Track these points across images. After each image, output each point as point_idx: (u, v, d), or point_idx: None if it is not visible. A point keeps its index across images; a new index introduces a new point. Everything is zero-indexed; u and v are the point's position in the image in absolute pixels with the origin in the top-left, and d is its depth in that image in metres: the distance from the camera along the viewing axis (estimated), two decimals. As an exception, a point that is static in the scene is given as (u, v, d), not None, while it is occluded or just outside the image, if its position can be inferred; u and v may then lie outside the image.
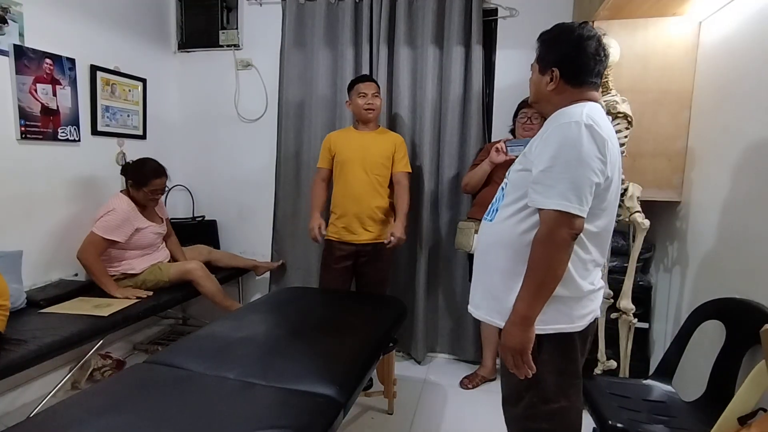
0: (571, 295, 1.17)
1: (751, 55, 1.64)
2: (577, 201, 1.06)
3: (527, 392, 1.22)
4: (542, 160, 1.11)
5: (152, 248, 2.51)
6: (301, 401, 1.31)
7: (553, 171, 1.08)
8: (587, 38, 1.18)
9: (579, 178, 1.07)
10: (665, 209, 2.20)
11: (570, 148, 1.08)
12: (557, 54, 1.21)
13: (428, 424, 2.20)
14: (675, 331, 1.78)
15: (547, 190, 1.08)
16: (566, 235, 1.07)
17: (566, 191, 1.06)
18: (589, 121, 1.09)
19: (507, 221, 1.21)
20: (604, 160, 1.09)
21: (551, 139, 1.12)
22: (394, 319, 2.05)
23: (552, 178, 1.08)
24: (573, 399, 1.23)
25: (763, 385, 1.22)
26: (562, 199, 1.06)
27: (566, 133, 1.09)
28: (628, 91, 1.98)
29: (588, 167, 1.07)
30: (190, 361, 1.51)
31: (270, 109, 3.08)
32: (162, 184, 2.42)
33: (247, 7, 3.05)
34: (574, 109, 1.15)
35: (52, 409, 1.26)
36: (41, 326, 1.89)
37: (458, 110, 2.71)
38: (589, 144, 1.08)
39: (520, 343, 1.13)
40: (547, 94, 1.24)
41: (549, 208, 1.07)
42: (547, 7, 2.61)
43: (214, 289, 2.51)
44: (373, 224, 2.43)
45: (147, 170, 2.38)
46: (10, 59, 2.11)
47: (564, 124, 1.11)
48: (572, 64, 1.19)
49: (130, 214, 2.35)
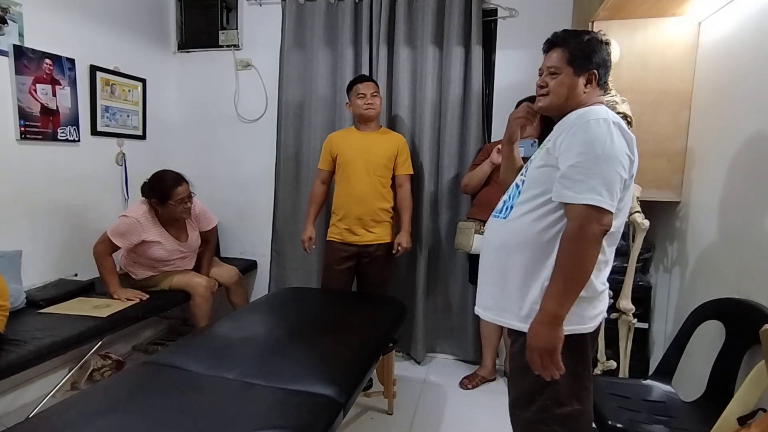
0: (588, 296, 1.17)
1: (751, 56, 1.64)
2: (608, 196, 1.07)
3: (540, 395, 1.21)
4: (571, 155, 1.11)
5: (165, 264, 2.42)
6: (301, 401, 1.31)
7: (583, 166, 1.09)
8: (607, 43, 1.25)
9: (610, 173, 1.08)
10: (665, 209, 2.20)
11: (601, 143, 1.09)
12: (596, 57, 1.24)
13: (428, 425, 2.20)
14: (675, 331, 1.78)
15: (577, 185, 1.08)
16: (597, 231, 1.08)
17: (597, 186, 1.07)
18: (617, 119, 1.13)
19: (523, 218, 1.21)
20: (632, 158, 1.13)
21: (580, 136, 1.12)
22: (394, 320, 2.05)
23: (582, 173, 1.08)
24: (585, 402, 1.22)
25: (762, 385, 1.22)
26: (594, 194, 1.07)
27: (596, 129, 1.11)
28: (628, 92, 1.98)
29: (618, 163, 1.09)
30: (190, 362, 1.51)
31: (270, 110, 3.08)
32: (185, 191, 2.30)
33: (246, 8, 3.05)
34: (597, 108, 1.18)
35: (51, 410, 1.26)
36: (41, 327, 1.89)
37: (458, 110, 2.71)
38: (620, 141, 1.11)
39: (550, 342, 1.11)
40: (580, 95, 1.25)
41: (580, 203, 1.08)
42: (547, 8, 2.61)
43: (206, 313, 2.41)
44: (375, 225, 2.43)
45: (167, 183, 2.26)
46: (9, 59, 2.11)
47: (592, 121, 1.12)
48: (606, 67, 1.25)
49: (140, 225, 2.26)
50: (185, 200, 2.31)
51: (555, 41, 1.26)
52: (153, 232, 2.32)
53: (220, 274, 2.63)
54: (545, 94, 1.27)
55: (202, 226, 2.54)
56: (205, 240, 2.60)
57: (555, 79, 1.25)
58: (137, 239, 2.27)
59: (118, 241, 2.24)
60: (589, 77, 1.23)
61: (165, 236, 2.36)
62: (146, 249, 2.33)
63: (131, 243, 2.27)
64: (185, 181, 2.33)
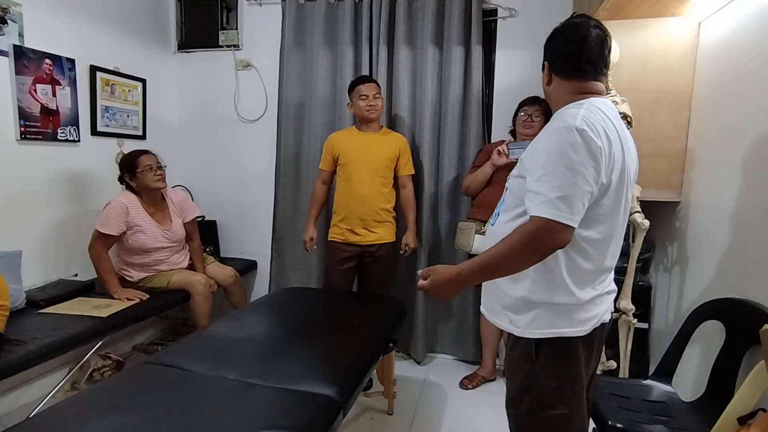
0: (568, 303, 1.14)
1: (751, 56, 1.64)
2: (567, 210, 1.01)
3: (527, 395, 1.20)
4: (536, 169, 1.08)
5: (156, 260, 2.43)
6: (301, 402, 1.31)
7: (544, 180, 1.04)
8: (575, 25, 1.17)
9: (570, 188, 1.02)
10: (665, 209, 2.20)
11: (561, 156, 1.03)
12: (549, 47, 1.22)
13: (428, 425, 2.20)
14: (675, 331, 1.78)
15: (537, 198, 1.04)
16: (549, 245, 1.03)
17: (556, 200, 1.01)
18: (582, 126, 1.03)
19: (505, 227, 1.18)
20: (598, 168, 1.04)
21: (543, 147, 1.09)
22: (394, 320, 2.05)
23: (544, 187, 1.04)
24: (575, 407, 1.19)
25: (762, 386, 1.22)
26: (552, 208, 1.01)
27: (558, 139, 1.06)
28: (628, 92, 1.98)
29: (580, 175, 1.02)
30: (190, 362, 1.51)
31: (270, 110, 3.08)
32: (151, 159, 2.38)
33: (246, 8, 3.05)
34: (571, 110, 1.10)
35: (51, 410, 1.25)
36: (41, 327, 1.89)
37: (458, 110, 2.71)
38: (582, 151, 1.02)
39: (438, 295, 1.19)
40: (548, 92, 1.23)
41: (540, 216, 1.02)
42: (547, 8, 2.61)
43: (206, 312, 2.42)
44: (377, 225, 2.43)
45: (133, 154, 2.38)
46: (9, 59, 2.11)
47: (556, 130, 1.07)
48: (561, 53, 1.19)
49: (123, 208, 2.30)
50: (153, 168, 2.37)
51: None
52: (137, 216, 2.34)
53: (217, 274, 2.63)
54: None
55: (185, 215, 2.56)
56: (189, 236, 2.60)
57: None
58: (123, 222, 2.29)
59: (106, 228, 2.25)
60: (545, 69, 1.22)
61: (148, 222, 2.38)
62: (133, 240, 2.34)
63: (120, 229, 2.28)
64: (151, 153, 2.41)
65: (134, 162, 2.35)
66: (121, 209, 2.30)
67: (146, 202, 2.40)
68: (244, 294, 2.73)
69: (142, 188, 2.38)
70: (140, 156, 2.36)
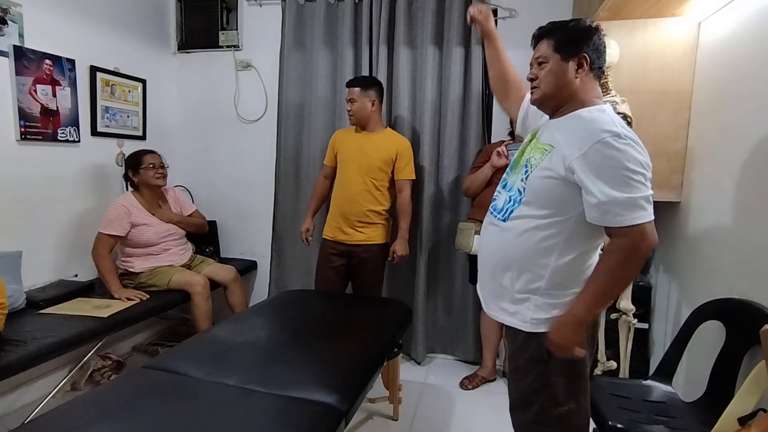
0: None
1: (751, 56, 1.64)
2: (649, 207, 1.06)
3: (538, 397, 1.21)
4: (602, 183, 1.05)
5: (156, 247, 2.49)
6: (301, 409, 1.28)
7: (623, 192, 1.04)
8: (597, 29, 1.20)
9: (644, 188, 1.05)
10: (665, 210, 2.19)
11: (628, 162, 1.05)
12: (585, 41, 1.18)
13: (428, 425, 2.20)
14: (675, 331, 1.78)
15: (626, 211, 1.04)
16: (647, 248, 1.06)
17: (641, 201, 1.04)
18: (625, 131, 1.08)
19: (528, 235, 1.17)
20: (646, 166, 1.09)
21: (604, 161, 1.06)
22: (399, 324, 2.01)
23: (627, 201, 1.04)
24: (581, 401, 1.23)
25: (763, 386, 1.22)
26: (641, 210, 1.04)
27: (619, 150, 1.05)
28: (628, 92, 1.98)
29: (644, 176, 1.06)
30: (190, 367, 1.48)
31: (270, 110, 3.08)
32: (155, 158, 2.50)
33: (246, 8, 3.05)
34: (601, 116, 1.12)
35: (47, 416, 1.24)
36: (40, 327, 1.89)
37: (458, 111, 2.71)
38: (640, 154, 1.07)
39: (570, 344, 1.13)
40: (572, 82, 1.18)
41: (631, 225, 1.04)
42: (547, 8, 2.61)
43: (206, 313, 2.43)
44: (364, 226, 2.42)
45: (138, 153, 2.51)
46: (9, 60, 2.11)
47: (609, 139, 1.06)
48: (598, 52, 1.19)
49: (126, 209, 2.39)
50: (155, 166, 2.49)
51: (541, 33, 1.24)
52: (139, 215, 2.44)
53: (217, 272, 2.64)
54: (536, 86, 1.24)
55: (183, 210, 2.70)
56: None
57: (543, 69, 1.21)
58: (127, 223, 2.38)
59: (109, 229, 2.33)
60: (579, 61, 1.17)
61: (151, 218, 2.48)
62: (137, 235, 2.42)
63: (124, 229, 2.37)
64: (156, 153, 2.54)
65: (139, 159, 2.48)
66: (123, 211, 2.38)
67: (147, 199, 2.50)
68: (243, 294, 2.73)
69: (144, 185, 2.49)
70: (145, 154, 2.50)
